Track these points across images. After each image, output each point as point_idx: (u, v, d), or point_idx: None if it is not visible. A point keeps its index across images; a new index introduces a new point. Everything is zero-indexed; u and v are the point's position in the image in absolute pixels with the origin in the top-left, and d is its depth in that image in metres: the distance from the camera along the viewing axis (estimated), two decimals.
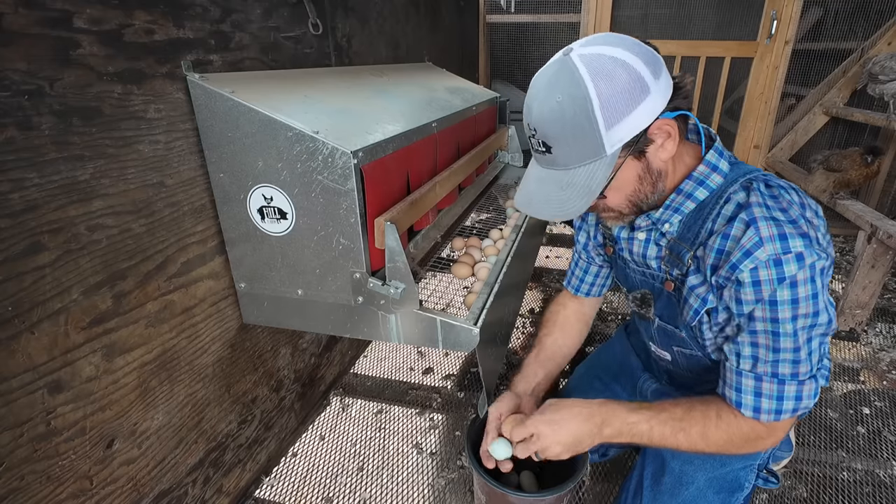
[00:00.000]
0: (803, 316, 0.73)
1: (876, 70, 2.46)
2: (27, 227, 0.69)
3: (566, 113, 0.70)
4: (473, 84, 1.99)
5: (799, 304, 0.72)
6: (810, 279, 0.71)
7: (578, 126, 0.70)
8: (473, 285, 1.16)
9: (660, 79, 0.71)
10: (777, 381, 0.77)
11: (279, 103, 0.91)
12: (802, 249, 0.70)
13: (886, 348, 1.86)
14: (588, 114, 0.69)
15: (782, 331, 0.74)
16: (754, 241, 0.71)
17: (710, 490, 0.96)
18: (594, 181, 0.73)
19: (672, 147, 0.75)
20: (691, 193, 0.82)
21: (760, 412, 0.79)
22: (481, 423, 1.16)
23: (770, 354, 0.76)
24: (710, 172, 0.81)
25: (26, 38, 0.66)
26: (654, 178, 0.79)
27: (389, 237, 0.89)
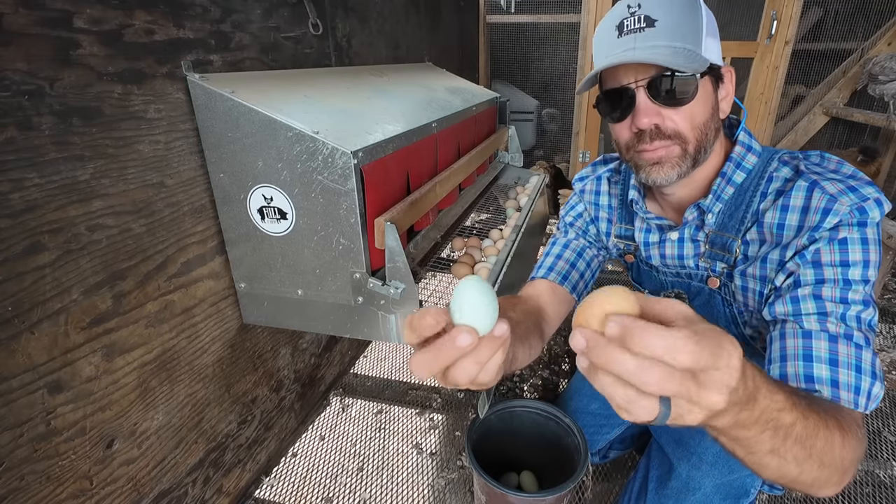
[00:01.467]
0: (873, 264, 0.65)
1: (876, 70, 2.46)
2: (27, 227, 0.69)
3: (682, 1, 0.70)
4: (473, 84, 1.99)
5: (869, 247, 0.65)
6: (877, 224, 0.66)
7: (689, 12, 0.69)
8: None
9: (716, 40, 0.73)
10: (854, 346, 0.62)
11: (279, 103, 0.91)
12: (878, 195, 0.66)
13: (886, 348, 1.86)
14: (698, 7, 0.69)
15: (851, 277, 0.64)
16: (826, 198, 0.67)
17: (716, 496, 0.94)
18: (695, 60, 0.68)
19: (728, 106, 0.75)
20: (731, 177, 0.77)
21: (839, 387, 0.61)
22: (481, 424, 1.16)
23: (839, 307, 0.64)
24: (746, 153, 0.77)
25: (26, 38, 0.66)
26: (717, 126, 0.75)
27: (389, 237, 0.89)
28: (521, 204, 1.67)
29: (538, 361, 1.79)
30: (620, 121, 0.76)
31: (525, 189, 1.81)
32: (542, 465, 1.23)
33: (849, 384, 0.61)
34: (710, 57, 0.70)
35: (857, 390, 0.61)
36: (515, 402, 1.23)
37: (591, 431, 1.26)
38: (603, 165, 1.06)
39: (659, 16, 0.69)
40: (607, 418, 1.25)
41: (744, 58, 2.67)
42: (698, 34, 0.69)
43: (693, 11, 0.69)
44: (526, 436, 1.22)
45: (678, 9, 0.69)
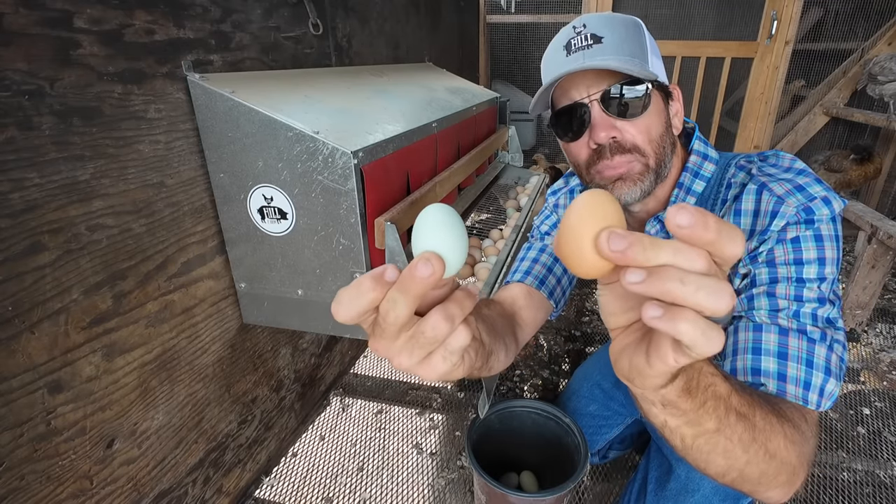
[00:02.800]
0: (830, 262, 0.63)
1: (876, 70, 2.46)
2: (27, 226, 0.69)
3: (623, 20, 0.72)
4: (473, 84, 1.99)
5: (824, 244, 0.63)
6: (831, 219, 0.64)
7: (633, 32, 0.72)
8: (474, 285, 1.16)
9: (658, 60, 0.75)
10: (806, 339, 0.60)
11: (279, 103, 0.91)
12: (826, 193, 0.65)
13: (886, 349, 1.86)
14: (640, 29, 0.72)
15: (805, 275, 0.63)
16: (774, 200, 0.66)
17: (715, 498, 0.94)
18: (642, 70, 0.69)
19: (679, 122, 0.75)
20: (690, 187, 0.77)
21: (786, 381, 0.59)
22: (482, 424, 1.16)
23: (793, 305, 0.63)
24: (703, 161, 0.77)
25: (26, 38, 0.66)
26: (672, 140, 0.76)
27: (389, 237, 0.89)
28: (521, 204, 1.67)
29: (538, 361, 1.79)
30: (577, 139, 0.75)
31: (525, 189, 1.81)
32: (542, 466, 1.23)
33: (797, 378, 0.59)
34: (657, 72, 0.71)
35: (806, 385, 0.58)
36: (515, 402, 1.23)
37: (590, 432, 1.26)
38: (575, 178, 1.05)
39: (605, 34, 0.70)
40: (605, 419, 1.25)
41: (744, 58, 2.67)
42: (644, 51, 0.70)
43: (636, 31, 0.72)
44: (526, 436, 1.22)
45: (622, 28, 0.71)
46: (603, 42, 0.70)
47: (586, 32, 0.71)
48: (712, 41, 2.68)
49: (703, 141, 0.80)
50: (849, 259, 2.58)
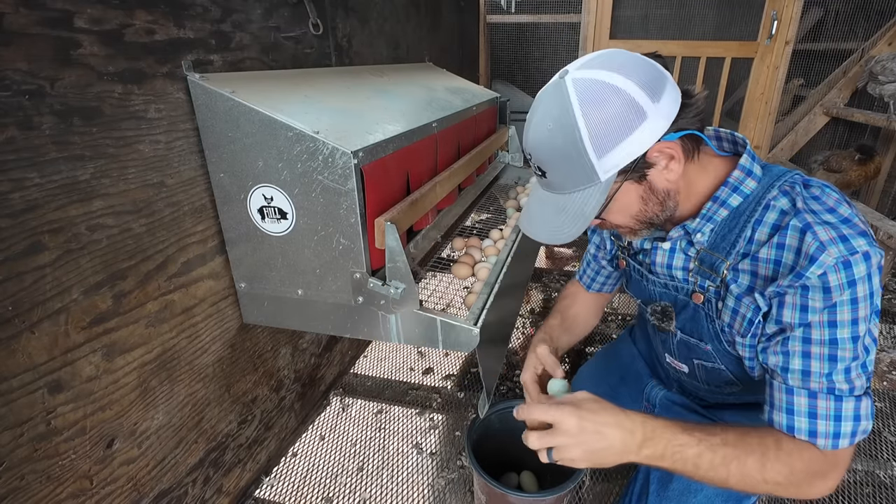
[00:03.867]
0: (863, 320, 0.67)
1: (877, 70, 2.46)
2: (27, 226, 0.69)
3: (556, 141, 0.70)
4: (474, 84, 1.99)
5: (859, 305, 0.67)
6: (867, 276, 0.66)
7: (568, 154, 0.70)
8: (473, 285, 1.16)
9: (660, 101, 0.68)
10: (834, 398, 0.69)
11: (279, 103, 0.91)
12: (868, 248, 0.66)
13: (887, 349, 1.86)
14: (577, 143, 0.68)
15: (839, 336, 0.68)
16: (815, 245, 0.67)
17: (718, 499, 0.93)
18: (588, 207, 0.72)
19: (677, 168, 0.73)
20: (725, 201, 0.78)
21: (817, 436, 0.69)
22: (481, 424, 1.16)
23: (825, 366, 0.69)
24: (745, 178, 0.77)
25: (27, 38, 0.66)
26: (661, 198, 0.77)
27: (389, 237, 0.89)
28: (521, 204, 1.67)
29: None
30: None
31: (525, 189, 1.81)
32: (542, 466, 1.22)
33: (827, 433, 0.69)
34: (616, 167, 0.70)
35: (835, 436, 0.69)
36: (516, 402, 1.23)
37: None
38: None
39: (546, 168, 0.74)
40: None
41: (744, 58, 2.67)
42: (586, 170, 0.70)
43: (573, 159, 0.70)
44: None
45: (561, 162, 0.71)
46: (547, 177, 0.75)
47: (534, 163, 0.76)
48: (712, 41, 2.68)
49: (752, 156, 0.78)
50: None
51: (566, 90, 0.68)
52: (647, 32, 2.78)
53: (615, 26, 2.76)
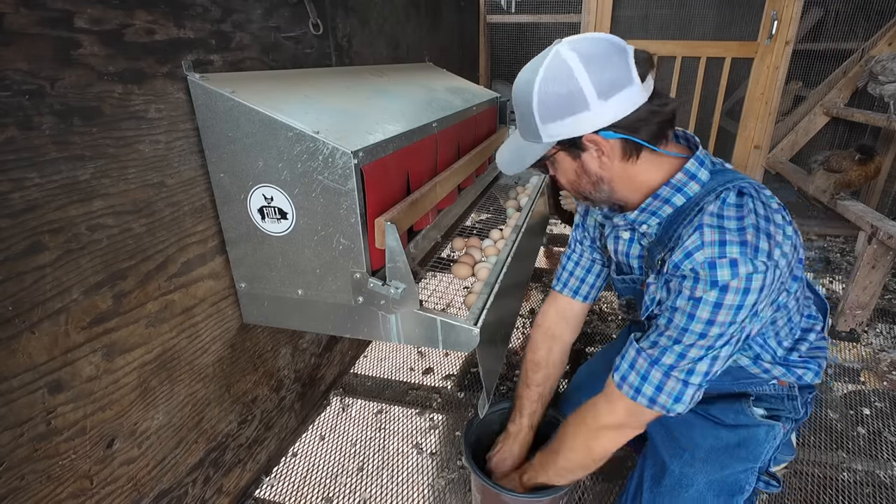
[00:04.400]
0: (719, 324, 0.75)
1: (877, 70, 2.46)
2: (28, 226, 0.69)
3: (520, 97, 0.82)
4: (474, 84, 1.99)
5: (720, 311, 0.74)
6: (742, 291, 0.73)
7: (524, 111, 0.82)
8: (473, 285, 1.16)
9: (608, 101, 0.75)
10: (650, 363, 0.81)
11: (280, 103, 0.91)
12: (737, 256, 0.72)
13: (887, 349, 1.86)
14: (530, 105, 0.80)
15: (691, 328, 0.77)
16: (696, 244, 0.75)
17: (709, 493, 0.96)
18: (529, 155, 0.86)
19: (608, 162, 0.81)
20: (668, 199, 0.84)
21: (625, 381, 0.84)
22: (480, 423, 1.16)
23: (667, 343, 0.80)
24: (688, 181, 0.83)
25: (27, 38, 0.66)
26: (594, 179, 0.85)
27: (389, 237, 0.89)
28: (521, 204, 1.67)
29: None
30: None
31: (525, 189, 1.81)
32: None
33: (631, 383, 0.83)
34: (555, 137, 0.80)
35: (637, 389, 0.83)
36: None
37: None
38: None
39: (515, 115, 0.87)
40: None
41: (744, 58, 2.67)
42: (532, 128, 0.82)
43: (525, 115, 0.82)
44: None
45: (519, 114, 0.85)
46: (517, 123, 0.88)
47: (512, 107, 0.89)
48: (712, 41, 2.67)
49: (701, 161, 0.83)
50: (849, 259, 2.58)
51: (543, 61, 0.79)
52: (647, 32, 2.78)
53: (615, 26, 2.76)
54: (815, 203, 2.25)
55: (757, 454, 0.96)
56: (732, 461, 0.95)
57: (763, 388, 0.99)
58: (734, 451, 0.96)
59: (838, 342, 1.90)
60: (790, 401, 0.98)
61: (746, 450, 0.96)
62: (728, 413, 0.99)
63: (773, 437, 0.96)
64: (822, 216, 2.99)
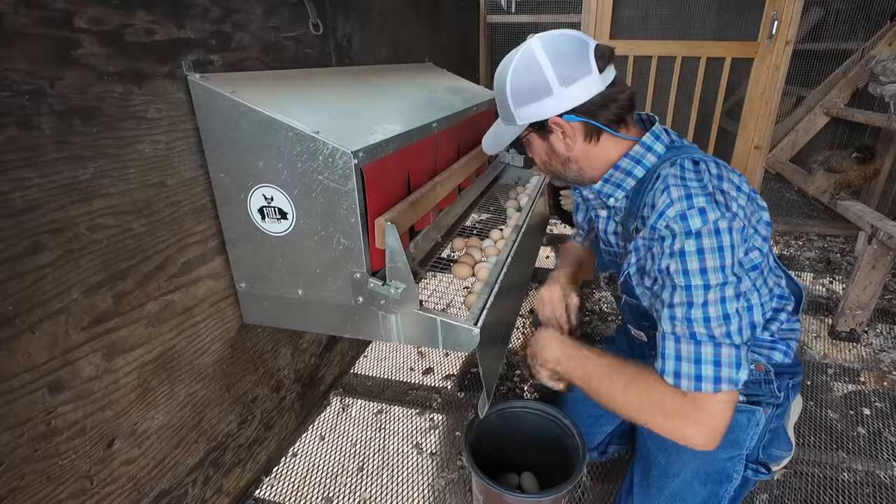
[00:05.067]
0: (712, 270, 0.77)
1: (878, 70, 2.46)
2: (28, 226, 0.69)
3: (498, 84, 0.93)
4: (474, 84, 1.99)
5: (705, 255, 0.77)
6: (714, 232, 0.77)
7: (501, 97, 0.93)
8: (473, 285, 1.16)
9: (569, 87, 0.85)
10: (694, 342, 0.78)
11: (280, 103, 0.91)
12: (704, 205, 0.77)
13: (887, 349, 1.86)
14: (504, 91, 0.91)
15: (692, 283, 0.78)
16: (666, 202, 0.81)
17: (695, 481, 0.99)
18: (505, 137, 0.98)
19: (571, 143, 0.91)
20: (629, 170, 0.92)
21: (680, 377, 0.79)
22: (480, 424, 1.16)
23: (684, 310, 0.79)
24: (645, 152, 0.91)
25: (27, 37, 0.66)
26: (563, 160, 0.95)
27: (390, 237, 0.89)
28: (521, 204, 1.67)
29: None
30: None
31: (525, 189, 1.81)
32: (543, 467, 1.23)
33: (688, 374, 0.79)
34: (527, 119, 0.91)
35: (697, 378, 0.78)
36: (515, 402, 1.23)
37: (590, 423, 1.28)
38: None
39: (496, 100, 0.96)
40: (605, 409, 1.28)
41: (744, 58, 2.67)
42: (508, 112, 0.93)
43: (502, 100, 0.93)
44: (526, 436, 1.22)
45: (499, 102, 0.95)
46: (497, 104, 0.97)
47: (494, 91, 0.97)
48: (713, 41, 2.67)
49: (656, 136, 0.91)
50: (849, 259, 2.58)
51: (517, 53, 0.89)
52: (647, 32, 2.78)
53: (615, 26, 2.75)
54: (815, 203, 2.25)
55: (741, 441, 0.99)
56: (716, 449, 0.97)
57: None
58: None
59: (838, 342, 1.90)
60: (767, 385, 1.01)
61: (729, 437, 0.97)
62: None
63: (755, 423, 0.99)
64: (823, 216, 2.99)
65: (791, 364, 1.04)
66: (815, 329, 1.99)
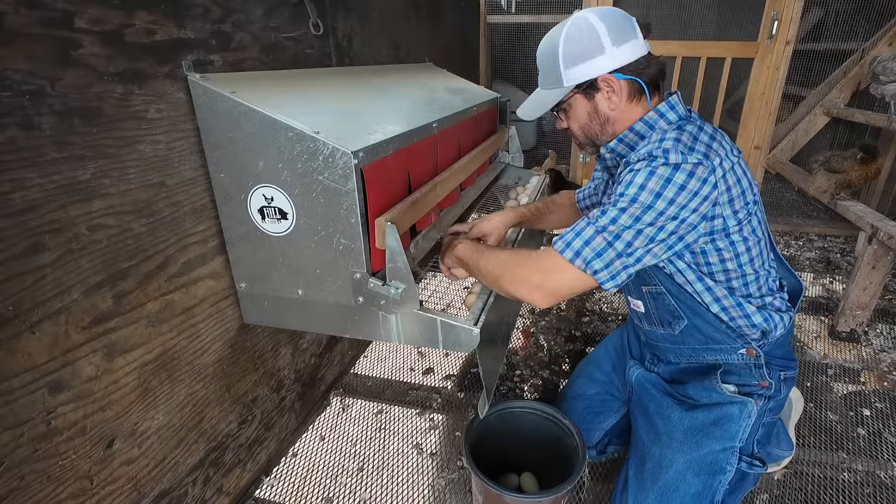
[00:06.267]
0: (649, 191, 0.84)
1: (878, 70, 2.46)
2: (28, 226, 0.69)
3: (547, 49, 1.00)
4: (474, 84, 1.99)
5: (651, 178, 0.84)
6: (673, 167, 0.84)
7: (550, 60, 0.99)
8: (474, 286, 1.16)
9: (621, 46, 0.94)
10: (594, 227, 0.87)
11: (280, 103, 0.91)
12: (669, 147, 0.86)
13: (887, 349, 1.86)
14: (555, 54, 0.97)
15: (627, 192, 0.85)
16: (645, 145, 0.91)
17: (689, 472, 1.00)
18: (550, 99, 1.03)
19: (617, 101, 0.97)
20: (642, 133, 0.99)
21: (578, 255, 0.88)
22: (480, 424, 1.16)
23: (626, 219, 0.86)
24: (658, 118, 0.98)
25: (27, 38, 0.66)
26: (602, 120, 1.01)
27: (390, 237, 0.89)
28: (521, 204, 1.67)
29: (538, 362, 1.79)
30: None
31: (526, 189, 1.80)
32: (543, 467, 1.23)
33: (564, 239, 0.90)
34: (575, 80, 0.97)
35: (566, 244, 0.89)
36: (515, 402, 1.23)
37: (588, 418, 1.29)
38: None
39: (540, 69, 1.04)
40: (604, 404, 1.31)
41: (744, 58, 2.67)
42: (556, 74, 0.99)
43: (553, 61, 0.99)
44: (526, 437, 1.22)
45: (547, 61, 1.01)
46: (539, 75, 1.05)
47: (538, 63, 1.05)
48: (713, 41, 2.67)
49: (671, 106, 0.98)
50: (849, 259, 2.58)
51: (566, 23, 0.98)
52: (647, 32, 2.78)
53: None
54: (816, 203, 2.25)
55: (733, 433, 1.00)
56: (709, 440, 1.00)
57: (731, 358, 1.05)
58: (710, 431, 1.01)
59: (839, 342, 1.90)
60: (757, 369, 1.03)
61: (721, 428, 1.01)
62: (701, 392, 1.05)
63: (747, 415, 1.01)
64: (823, 216, 2.99)
65: (782, 356, 1.05)
66: (816, 329, 1.99)
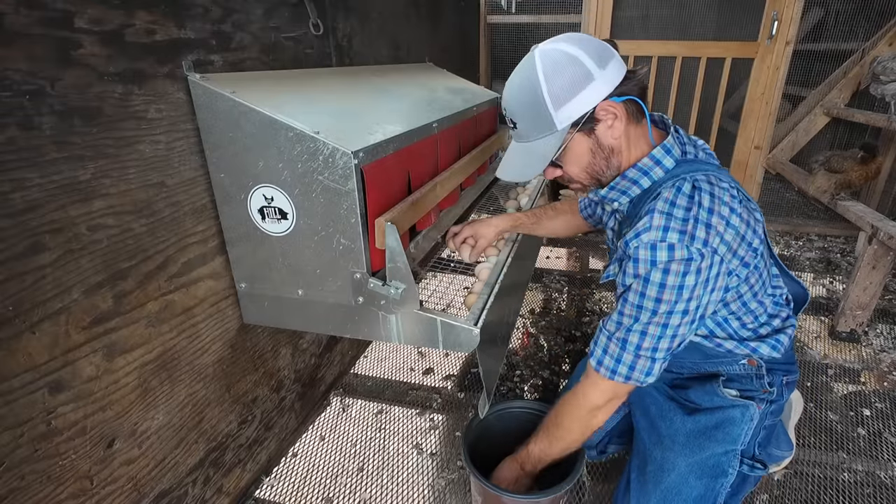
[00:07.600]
0: (666, 302, 0.83)
1: (878, 70, 2.46)
2: (28, 226, 0.69)
3: (525, 97, 0.88)
4: (474, 84, 1.99)
5: (665, 290, 0.82)
6: (682, 273, 0.81)
7: (534, 107, 0.87)
8: (474, 286, 1.16)
9: (606, 68, 0.85)
10: (620, 346, 0.89)
11: (280, 103, 0.91)
12: (675, 242, 0.80)
13: (887, 349, 1.86)
14: (539, 97, 0.86)
15: (644, 306, 0.85)
16: (645, 225, 0.83)
17: (691, 475, 1.00)
18: (547, 149, 0.90)
19: (620, 126, 0.88)
20: (636, 180, 0.93)
21: (601, 365, 0.91)
22: (479, 424, 1.16)
23: (628, 323, 0.88)
24: (654, 166, 0.91)
25: (27, 38, 0.66)
26: (607, 153, 0.92)
27: (390, 237, 0.89)
28: (521, 204, 1.67)
29: (538, 362, 1.79)
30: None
31: (525, 189, 1.80)
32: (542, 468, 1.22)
33: (608, 367, 0.91)
34: (570, 118, 0.86)
35: (612, 371, 0.91)
36: (515, 402, 1.23)
37: None
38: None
39: (517, 121, 0.92)
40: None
41: (744, 58, 2.67)
42: (546, 120, 0.87)
43: (535, 106, 0.87)
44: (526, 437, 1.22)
45: (527, 111, 0.89)
46: (517, 128, 0.93)
47: (508, 116, 0.93)
48: (713, 41, 2.67)
49: (667, 150, 0.91)
50: (849, 260, 2.57)
51: (534, 58, 0.87)
52: (648, 32, 2.77)
53: (615, 26, 2.75)
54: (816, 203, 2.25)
55: (735, 436, 1.00)
56: (711, 443, 1.00)
57: (733, 368, 1.05)
58: (712, 434, 1.01)
59: (839, 342, 1.90)
60: (758, 379, 1.03)
61: (723, 432, 1.00)
62: (703, 396, 1.05)
63: (748, 419, 1.00)
64: (823, 216, 2.99)
65: (784, 361, 1.04)
66: (816, 329, 1.99)
